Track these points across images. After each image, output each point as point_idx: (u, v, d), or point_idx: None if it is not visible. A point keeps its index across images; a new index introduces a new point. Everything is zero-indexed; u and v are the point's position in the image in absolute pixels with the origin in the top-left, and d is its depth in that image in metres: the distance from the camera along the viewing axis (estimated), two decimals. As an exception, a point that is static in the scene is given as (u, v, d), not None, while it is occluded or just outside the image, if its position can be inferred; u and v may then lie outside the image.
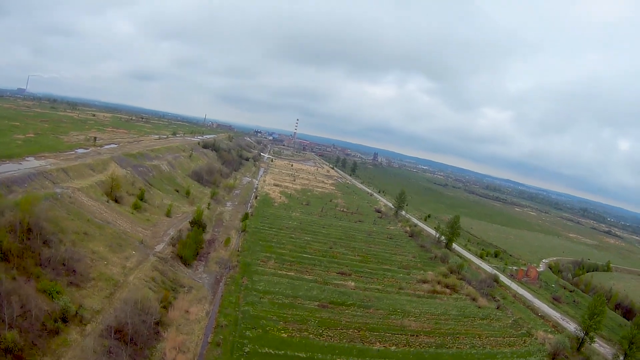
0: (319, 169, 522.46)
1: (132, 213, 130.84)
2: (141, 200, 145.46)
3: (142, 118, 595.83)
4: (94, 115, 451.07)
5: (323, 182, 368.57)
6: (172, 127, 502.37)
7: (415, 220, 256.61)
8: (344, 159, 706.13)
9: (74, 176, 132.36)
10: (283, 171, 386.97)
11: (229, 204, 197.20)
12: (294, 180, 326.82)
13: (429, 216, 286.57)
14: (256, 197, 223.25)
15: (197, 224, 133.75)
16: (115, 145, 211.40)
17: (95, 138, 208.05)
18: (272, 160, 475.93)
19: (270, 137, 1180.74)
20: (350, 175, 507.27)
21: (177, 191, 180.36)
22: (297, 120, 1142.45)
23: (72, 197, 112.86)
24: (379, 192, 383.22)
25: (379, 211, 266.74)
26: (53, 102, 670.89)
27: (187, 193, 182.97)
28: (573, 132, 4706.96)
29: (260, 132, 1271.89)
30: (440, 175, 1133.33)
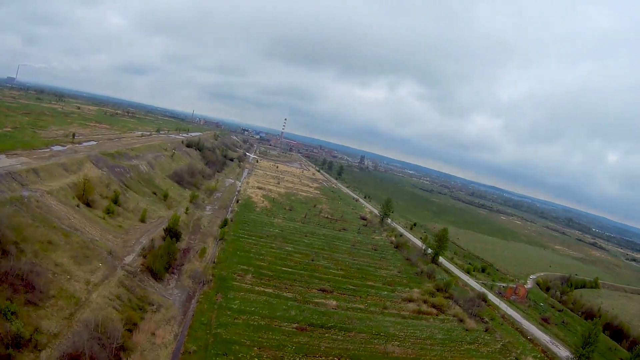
0: (305, 171, 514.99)
1: (104, 218, 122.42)
2: (115, 203, 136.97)
3: (128, 113, 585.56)
4: (78, 108, 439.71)
5: (308, 185, 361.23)
6: (158, 123, 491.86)
7: (401, 229, 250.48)
8: (330, 162, 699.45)
9: (44, 177, 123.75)
10: (268, 173, 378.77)
11: (208, 207, 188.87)
12: (278, 183, 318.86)
13: (414, 225, 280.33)
14: (237, 201, 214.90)
15: (171, 233, 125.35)
16: (95, 143, 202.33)
17: (74, 134, 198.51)
18: (257, 161, 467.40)
19: (257, 136, 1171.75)
20: (336, 179, 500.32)
21: (155, 194, 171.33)
22: (285, 120, 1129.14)
23: (40, 201, 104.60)
24: (365, 197, 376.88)
25: (364, 218, 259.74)
26: (40, 93, 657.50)
27: (165, 196, 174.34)
28: (562, 141, 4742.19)
29: (247, 131, 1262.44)
30: (427, 181, 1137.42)
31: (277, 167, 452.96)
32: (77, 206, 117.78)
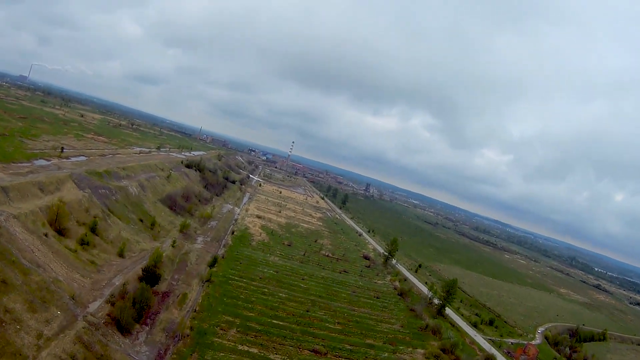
0: (309, 197, 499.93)
1: (75, 251, 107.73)
2: (93, 232, 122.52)
3: (132, 125, 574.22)
4: (81, 116, 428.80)
5: (311, 215, 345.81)
6: (161, 139, 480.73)
7: (405, 272, 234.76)
8: (335, 189, 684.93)
9: (15, 197, 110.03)
10: (270, 199, 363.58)
11: (200, 239, 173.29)
12: (280, 212, 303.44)
13: (419, 266, 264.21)
14: (233, 233, 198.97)
15: (149, 274, 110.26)
16: (84, 159, 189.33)
17: (62, 148, 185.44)
18: (260, 185, 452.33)
19: (264, 157, 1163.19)
20: (341, 208, 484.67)
21: (142, 221, 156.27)
22: (293, 143, 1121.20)
23: (3, 226, 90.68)
24: (369, 231, 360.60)
25: (367, 258, 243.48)
26: (47, 95, 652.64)
27: (153, 224, 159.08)
28: (570, 179, 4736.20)
29: (254, 151, 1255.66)
30: (431, 212, 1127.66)
31: (280, 193, 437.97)
32: (45, 235, 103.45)
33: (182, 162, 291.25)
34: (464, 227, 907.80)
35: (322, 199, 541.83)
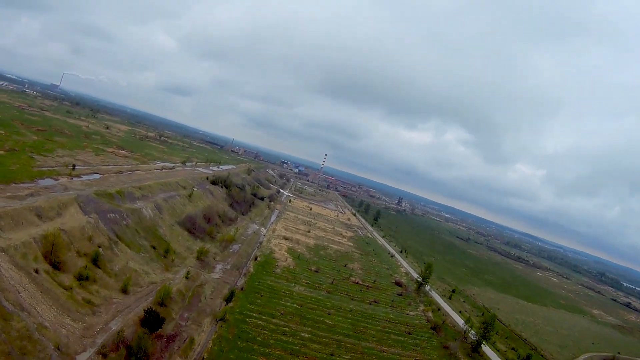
0: (340, 214, 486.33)
1: (70, 289, 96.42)
2: (95, 263, 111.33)
3: (161, 136, 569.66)
4: (107, 127, 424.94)
5: (341, 234, 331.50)
6: (189, 152, 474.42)
7: (438, 299, 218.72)
8: (367, 204, 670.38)
9: (7, 226, 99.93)
10: (299, 216, 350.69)
11: (219, 267, 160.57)
12: (309, 232, 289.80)
13: (453, 291, 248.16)
14: (256, 259, 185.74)
15: (151, 317, 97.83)
16: (98, 177, 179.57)
17: (74, 165, 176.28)
18: (290, 201, 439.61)
19: (296, 170, 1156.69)
20: (372, 225, 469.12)
21: (154, 248, 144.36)
22: (325, 155, 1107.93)
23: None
24: (401, 251, 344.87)
25: (399, 284, 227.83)
26: (75, 105, 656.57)
27: (167, 251, 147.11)
28: (601, 194, 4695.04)
29: (286, 163, 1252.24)
30: (463, 227, 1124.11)
31: (311, 209, 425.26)
32: (36, 271, 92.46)
33: (207, 179, 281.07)
34: (496, 242, 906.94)
35: (354, 215, 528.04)
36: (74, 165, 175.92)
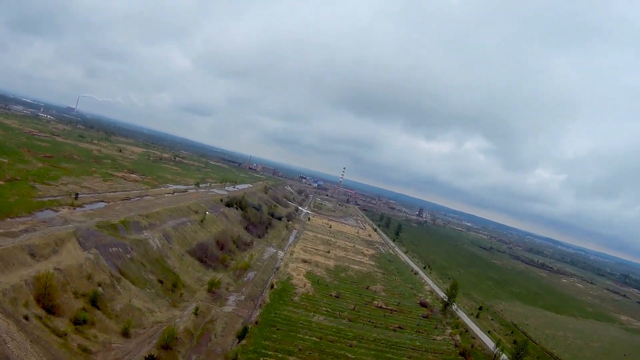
0: (360, 230, 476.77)
1: (64, 335, 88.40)
2: (94, 304, 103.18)
3: (176, 157, 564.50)
4: (120, 150, 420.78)
5: (362, 253, 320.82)
6: (204, 172, 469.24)
7: (465, 319, 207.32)
8: (388, 218, 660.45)
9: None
10: (318, 235, 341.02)
11: (232, 299, 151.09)
12: (328, 252, 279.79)
13: (480, 309, 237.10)
14: (272, 287, 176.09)
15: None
16: (103, 205, 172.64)
17: (76, 194, 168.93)
18: (309, 219, 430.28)
19: (315, 185, 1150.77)
20: (394, 241, 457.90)
21: (161, 282, 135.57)
22: (344, 169, 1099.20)
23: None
24: (425, 267, 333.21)
25: (424, 305, 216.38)
26: (89, 129, 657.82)
27: (175, 285, 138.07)
28: (622, 195, 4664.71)
29: (305, 178, 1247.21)
30: (484, 235, 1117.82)
31: (330, 227, 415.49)
32: (26, 318, 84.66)
33: (221, 201, 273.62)
34: (518, 250, 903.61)
35: (375, 230, 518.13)
36: (76, 194, 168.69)
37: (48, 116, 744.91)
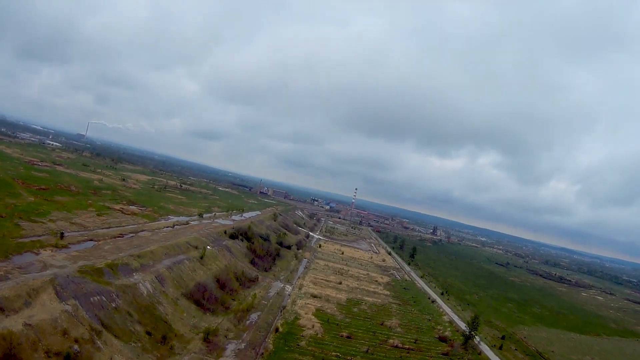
0: (374, 254, 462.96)
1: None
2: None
3: (183, 184, 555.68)
4: (123, 180, 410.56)
5: (376, 281, 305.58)
6: (210, 200, 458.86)
7: (488, 353, 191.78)
8: (402, 240, 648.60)
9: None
10: (330, 264, 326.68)
11: (230, 348, 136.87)
12: (340, 283, 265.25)
13: (503, 338, 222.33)
14: (277, 330, 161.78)
15: None
16: (92, 245, 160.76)
17: (62, 234, 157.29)
18: (320, 246, 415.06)
19: (327, 207, 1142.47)
20: (409, 264, 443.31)
21: (150, 334, 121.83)
22: (356, 190, 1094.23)
23: None
24: (442, 293, 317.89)
25: (443, 340, 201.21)
26: (96, 156, 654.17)
27: (164, 337, 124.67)
28: (637, 202, 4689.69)
29: (317, 200, 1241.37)
30: (500, 250, 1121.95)
31: (343, 253, 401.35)
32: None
33: (225, 233, 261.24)
34: (534, 263, 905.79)
35: (389, 254, 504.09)
36: (61, 234, 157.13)
37: (54, 143, 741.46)
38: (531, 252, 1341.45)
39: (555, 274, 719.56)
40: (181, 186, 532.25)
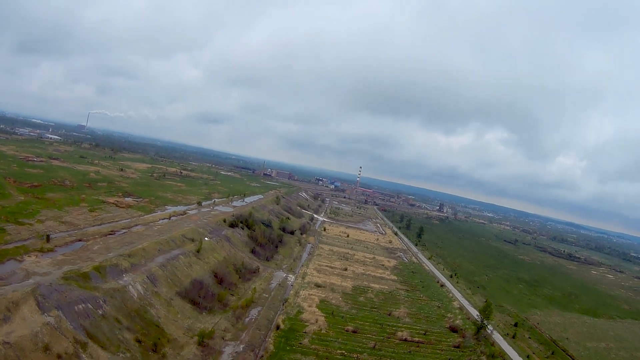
0: (380, 235, 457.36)
1: None
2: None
3: (182, 171, 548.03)
4: (121, 170, 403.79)
5: (383, 265, 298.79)
6: (211, 186, 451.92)
7: (502, 344, 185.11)
8: (409, 219, 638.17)
9: None
10: (335, 249, 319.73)
11: (228, 350, 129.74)
12: (345, 270, 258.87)
13: (516, 325, 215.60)
14: (278, 328, 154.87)
15: None
16: (80, 245, 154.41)
17: (48, 237, 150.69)
18: (324, 229, 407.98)
19: (332, 186, 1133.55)
20: (416, 245, 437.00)
21: (140, 341, 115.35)
22: (360, 168, 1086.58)
23: None
24: (451, 276, 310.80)
25: (454, 330, 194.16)
26: (95, 147, 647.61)
27: (156, 345, 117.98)
28: None
29: (322, 180, 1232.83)
30: (507, 226, 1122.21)
31: (348, 236, 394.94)
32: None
33: (224, 221, 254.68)
34: (542, 239, 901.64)
35: (395, 234, 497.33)
36: (47, 236, 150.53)
37: (53, 137, 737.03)
38: (538, 227, 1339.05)
39: (564, 251, 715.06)
40: (181, 173, 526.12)
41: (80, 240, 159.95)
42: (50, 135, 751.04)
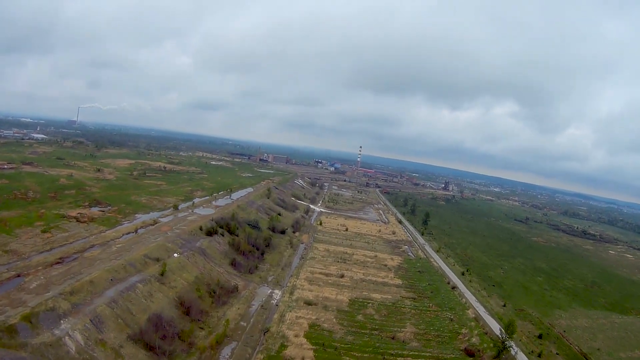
0: (383, 224, 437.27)
1: None
2: None
3: (167, 166, 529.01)
4: (98, 170, 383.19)
5: (385, 265, 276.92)
6: (197, 181, 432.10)
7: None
8: (413, 203, 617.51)
9: None
10: (331, 248, 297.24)
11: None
12: (342, 276, 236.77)
13: (540, 337, 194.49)
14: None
15: None
16: (14, 285, 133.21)
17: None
18: (320, 223, 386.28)
19: (332, 168, 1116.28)
20: (422, 234, 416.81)
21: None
22: (360, 147, 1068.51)
23: None
24: (463, 273, 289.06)
25: (470, 353, 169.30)
26: (78, 144, 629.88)
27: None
28: None
29: (321, 162, 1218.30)
30: (516, 201, 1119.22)
31: (347, 229, 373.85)
32: None
33: (200, 229, 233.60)
34: (553, 214, 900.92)
35: (400, 222, 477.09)
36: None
37: (38, 136, 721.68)
38: (547, 201, 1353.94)
39: (577, 227, 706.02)
40: (165, 168, 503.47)
41: (19, 276, 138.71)
42: (35, 135, 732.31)
